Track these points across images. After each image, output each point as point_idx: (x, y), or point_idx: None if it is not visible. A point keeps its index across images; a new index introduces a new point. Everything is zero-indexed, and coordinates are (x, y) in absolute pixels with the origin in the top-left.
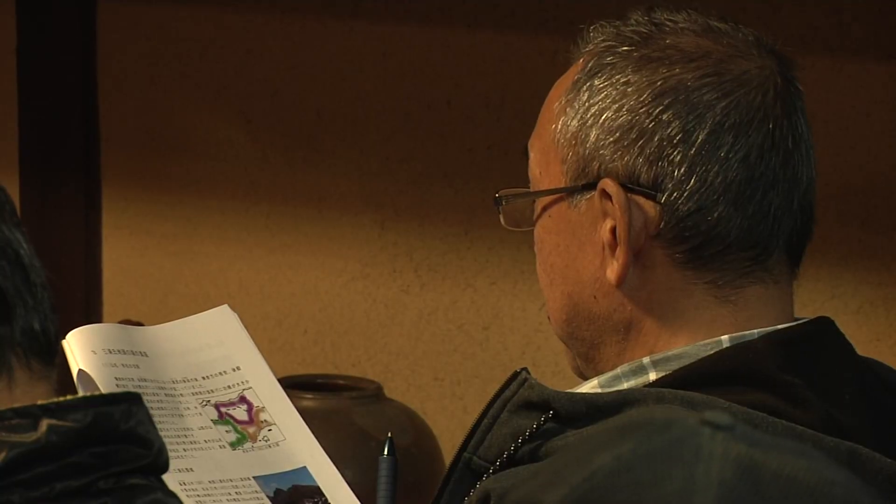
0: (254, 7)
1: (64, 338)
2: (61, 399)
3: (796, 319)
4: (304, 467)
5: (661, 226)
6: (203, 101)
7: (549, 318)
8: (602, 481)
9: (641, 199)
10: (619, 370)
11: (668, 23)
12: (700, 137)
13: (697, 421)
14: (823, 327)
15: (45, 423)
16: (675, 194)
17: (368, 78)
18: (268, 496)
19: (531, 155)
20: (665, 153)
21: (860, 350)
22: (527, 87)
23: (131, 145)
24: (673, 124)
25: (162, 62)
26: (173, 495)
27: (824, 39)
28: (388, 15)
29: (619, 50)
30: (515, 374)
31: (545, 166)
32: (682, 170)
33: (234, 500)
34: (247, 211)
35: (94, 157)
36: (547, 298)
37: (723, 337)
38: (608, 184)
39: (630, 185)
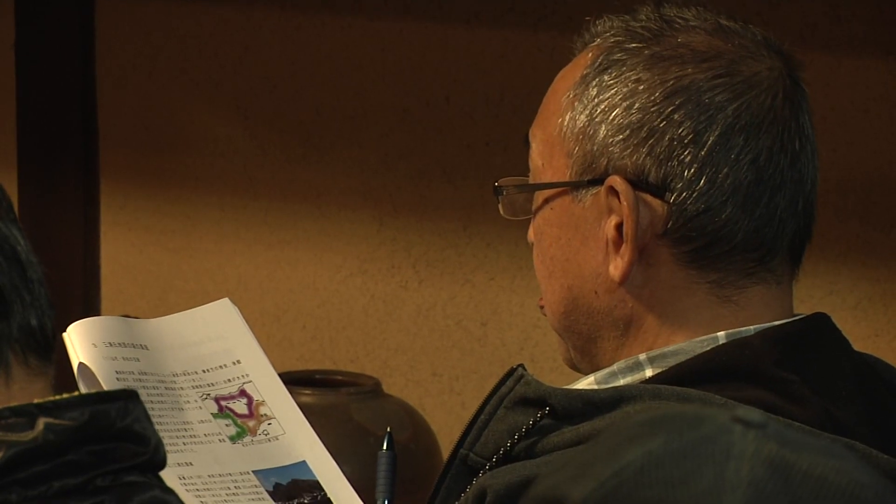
0: (252, 3)
1: (64, 332)
2: (58, 397)
3: (794, 316)
4: (304, 462)
5: (668, 225)
6: (201, 98)
7: (541, 308)
8: (631, 477)
9: (649, 198)
10: (615, 366)
11: (678, 20)
12: (711, 138)
13: (729, 418)
14: (820, 323)
15: (41, 422)
16: (683, 194)
17: (367, 74)
18: (267, 490)
19: (533, 145)
20: (675, 153)
21: (858, 346)
22: (525, 84)
23: (130, 142)
24: (684, 124)
25: (160, 58)
26: (171, 492)
27: (823, 36)
28: (386, 11)
29: (629, 46)
30: (512, 371)
31: (548, 158)
32: (692, 170)
33: (234, 494)
34: (245, 207)
35: (92, 154)
36: (544, 290)
37: (719, 333)
38: (617, 181)
39: (638, 183)
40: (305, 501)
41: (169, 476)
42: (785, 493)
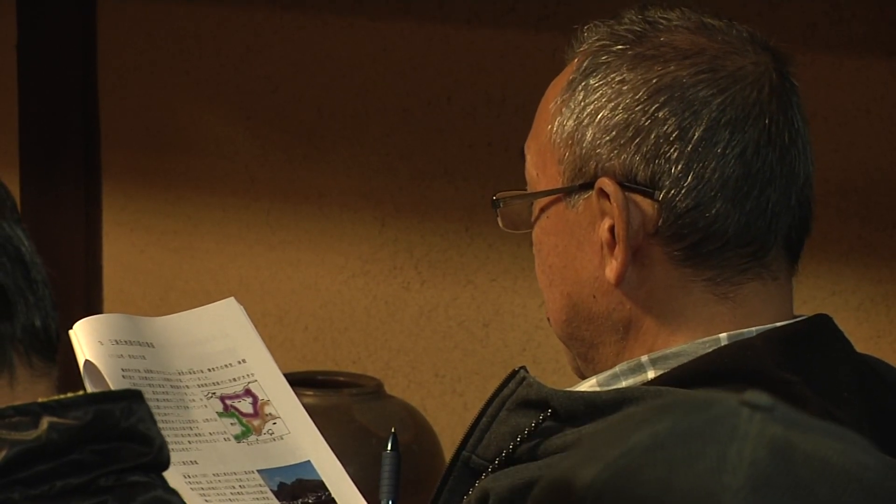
0: (253, 3)
1: (69, 330)
2: (62, 397)
3: (796, 316)
4: (308, 461)
5: (660, 223)
6: (203, 98)
7: (548, 318)
8: (637, 458)
9: (639, 198)
10: (617, 368)
11: (661, 21)
12: (696, 134)
13: (738, 401)
14: (822, 324)
15: (45, 421)
16: (672, 191)
17: (369, 74)
18: (271, 490)
19: (528, 157)
20: (662, 150)
21: (860, 347)
22: (527, 84)
23: (131, 142)
24: (669, 121)
25: (162, 59)
26: (174, 493)
27: (823, 36)
28: (388, 11)
29: (614, 49)
30: (514, 373)
31: (542, 167)
32: (679, 167)
33: (238, 493)
34: (247, 207)
35: (94, 154)
36: (546, 299)
37: (721, 335)
38: (606, 183)
39: (627, 183)
40: (310, 501)
41: (174, 474)
42: (786, 474)
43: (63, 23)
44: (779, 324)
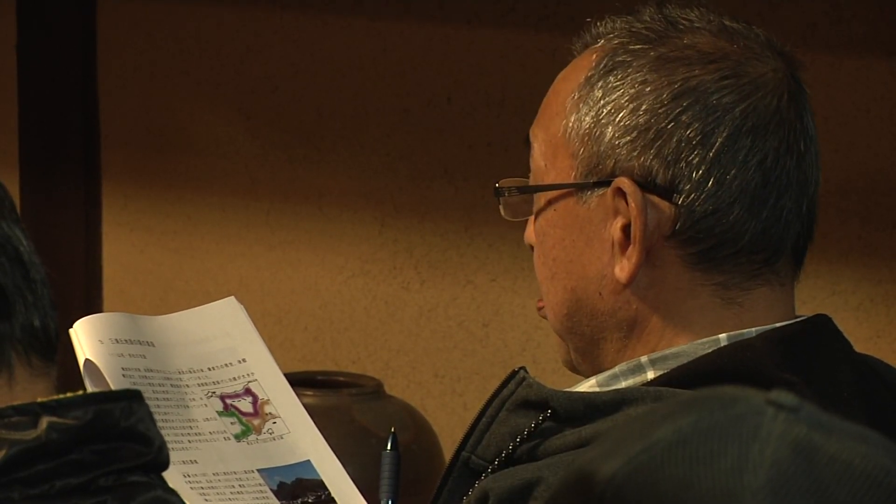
0: (253, 4)
1: (68, 330)
2: (62, 396)
3: (796, 317)
4: (308, 461)
5: (676, 227)
6: (203, 98)
7: (539, 309)
8: (659, 454)
9: (657, 199)
10: (616, 369)
11: (682, 21)
12: (719, 140)
13: (763, 399)
14: (821, 324)
15: (45, 421)
16: (692, 196)
17: (368, 75)
18: (271, 489)
19: (534, 146)
20: (683, 155)
21: (859, 347)
22: (527, 84)
23: (131, 142)
24: (692, 126)
25: (162, 59)
26: (174, 493)
27: (823, 36)
28: (388, 11)
29: (634, 48)
30: (513, 373)
31: (552, 159)
32: (700, 172)
33: (238, 492)
34: (247, 208)
35: (94, 154)
36: (546, 291)
37: (720, 335)
38: (625, 183)
39: (645, 184)
40: (309, 500)
41: (173, 474)
42: (807, 476)
43: (63, 23)
44: (778, 324)
